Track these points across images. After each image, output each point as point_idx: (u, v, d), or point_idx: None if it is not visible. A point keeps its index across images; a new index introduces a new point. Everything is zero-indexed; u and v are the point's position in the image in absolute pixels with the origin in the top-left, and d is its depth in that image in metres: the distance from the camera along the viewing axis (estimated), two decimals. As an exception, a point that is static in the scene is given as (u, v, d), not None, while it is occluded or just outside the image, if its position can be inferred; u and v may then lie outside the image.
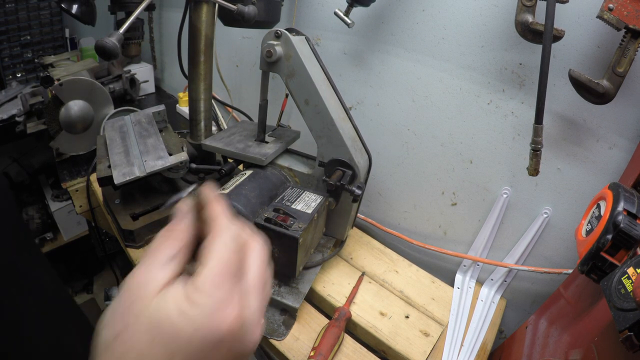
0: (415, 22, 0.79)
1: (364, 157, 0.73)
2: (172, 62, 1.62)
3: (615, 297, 0.40)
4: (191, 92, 0.87)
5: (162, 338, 0.24)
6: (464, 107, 0.78)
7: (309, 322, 0.71)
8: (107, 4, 0.85)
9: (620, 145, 0.64)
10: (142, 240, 0.81)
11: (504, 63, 0.71)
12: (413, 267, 0.88)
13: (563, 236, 0.74)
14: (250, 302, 0.27)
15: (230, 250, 0.27)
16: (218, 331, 0.24)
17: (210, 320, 0.24)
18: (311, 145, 0.73)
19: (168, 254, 0.27)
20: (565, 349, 0.55)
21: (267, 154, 0.73)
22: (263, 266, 0.29)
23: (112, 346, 0.24)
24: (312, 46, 0.72)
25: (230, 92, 1.26)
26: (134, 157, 0.78)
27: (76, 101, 1.03)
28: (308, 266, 0.76)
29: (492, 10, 0.69)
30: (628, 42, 0.54)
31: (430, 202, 0.90)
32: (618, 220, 0.45)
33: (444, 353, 0.70)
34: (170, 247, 0.27)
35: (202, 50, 0.82)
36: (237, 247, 0.28)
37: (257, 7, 0.74)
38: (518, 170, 0.75)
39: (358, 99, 0.95)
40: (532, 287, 0.81)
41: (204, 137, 0.91)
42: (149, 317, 0.25)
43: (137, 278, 0.26)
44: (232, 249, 0.27)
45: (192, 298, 0.25)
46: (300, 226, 0.61)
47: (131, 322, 0.25)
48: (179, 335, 0.24)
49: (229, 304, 0.25)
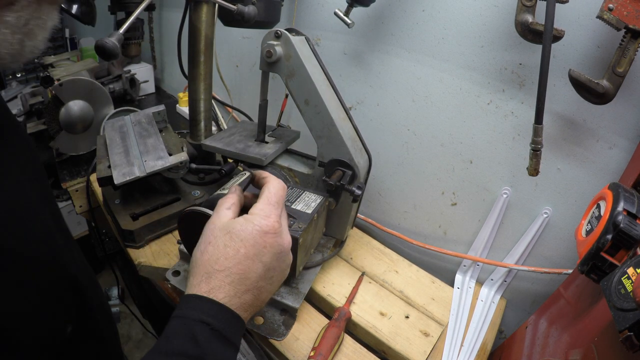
0: (415, 22, 0.79)
1: (364, 157, 0.73)
2: (172, 62, 1.62)
3: (615, 297, 0.40)
4: (191, 92, 0.87)
5: (233, 235, 0.41)
6: (464, 107, 0.78)
7: (309, 322, 0.71)
8: (107, 4, 0.85)
9: (620, 145, 0.64)
10: (142, 240, 0.81)
11: (504, 63, 0.71)
12: (413, 267, 0.88)
13: (563, 236, 0.74)
14: (282, 220, 0.45)
15: (272, 192, 0.45)
16: (266, 227, 0.42)
17: (260, 222, 0.42)
18: (311, 146, 0.73)
19: (227, 205, 0.45)
20: (565, 349, 0.55)
21: (267, 154, 0.73)
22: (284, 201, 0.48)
23: (200, 259, 0.41)
24: (312, 46, 0.72)
25: (230, 92, 1.26)
26: (134, 157, 0.78)
27: (76, 101, 1.03)
28: (308, 266, 0.76)
29: (492, 10, 0.69)
30: (628, 42, 0.54)
31: (430, 202, 0.90)
32: (618, 220, 0.45)
33: (443, 353, 0.70)
34: (227, 201, 0.46)
35: (202, 51, 0.82)
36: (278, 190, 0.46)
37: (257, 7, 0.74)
38: (518, 170, 0.75)
39: (358, 99, 0.95)
40: (532, 287, 0.81)
41: (204, 137, 0.91)
42: (223, 230, 0.42)
43: (213, 219, 0.44)
44: (273, 191, 0.46)
45: (250, 217, 0.43)
46: (300, 226, 0.61)
47: (212, 239, 0.41)
48: (244, 230, 0.41)
49: (271, 216, 0.43)
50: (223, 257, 0.40)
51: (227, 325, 0.37)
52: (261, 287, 0.42)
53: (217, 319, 0.37)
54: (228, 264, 0.40)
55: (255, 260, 0.41)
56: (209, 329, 0.36)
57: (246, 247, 0.41)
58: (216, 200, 0.61)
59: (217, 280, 0.39)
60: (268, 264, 0.42)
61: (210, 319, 0.36)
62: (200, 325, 0.36)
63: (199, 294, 0.38)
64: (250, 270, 0.40)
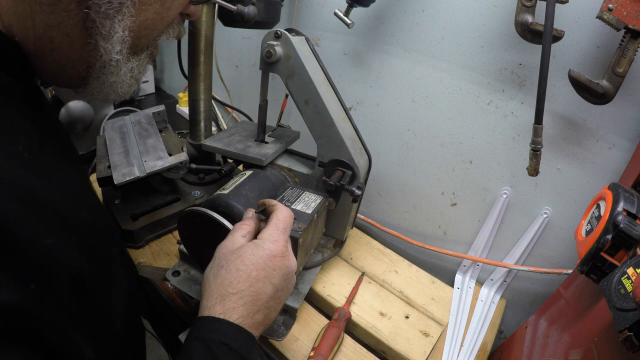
0: (415, 23, 0.79)
1: (363, 157, 0.73)
2: (171, 62, 1.62)
3: (615, 297, 0.40)
4: (191, 92, 0.87)
5: (245, 259, 0.43)
6: (463, 108, 0.78)
7: (309, 322, 0.71)
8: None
9: (620, 145, 0.64)
10: (142, 241, 0.81)
11: (504, 63, 0.71)
12: (413, 268, 0.88)
13: (563, 236, 0.74)
14: (288, 245, 0.48)
15: (280, 219, 0.49)
16: (275, 251, 0.45)
17: (270, 246, 0.45)
18: (311, 146, 0.73)
19: (243, 232, 0.48)
20: (565, 349, 0.55)
21: (266, 154, 0.73)
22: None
23: (213, 282, 0.43)
24: (311, 46, 0.72)
25: (230, 92, 1.26)
26: (134, 157, 0.78)
27: (76, 101, 1.03)
28: (308, 266, 0.76)
29: (492, 10, 0.69)
30: (628, 42, 0.55)
31: (430, 203, 0.90)
32: (618, 220, 0.45)
33: (443, 353, 0.70)
34: (243, 230, 0.48)
35: (201, 51, 0.82)
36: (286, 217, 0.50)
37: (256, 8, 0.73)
38: (518, 170, 0.75)
39: (358, 99, 0.95)
40: (532, 287, 0.81)
41: (204, 138, 0.91)
42: (235, 254, 0.44)
43: (225, 243, 0.46)
44: (281, 218, 0.49)
45: (259, 242, 0.45)
46: (300, 226, 0.61)
47: (224, 263, 0.44)
48: (255, 254, 0.44)
49: (279, 241, 0.46)
50: (236, 280, 0.42)
51: (243, 345, 0.40)
52: (271, 307, 0.44)
53: (233, 339, 0.39)
54: (241, 286, 0.42)
55: (265, 283, 0.43)
56: (227, 349, 0.38)
57: (257, 270, 0.43)
58: (216, 200, 0.61)
59: (231, 303, 0.41)
60: (277, 285, 0.45)
61: (228, 340, 0.38)
62: (219, 346, 0.38)
63: (215, 316, 0.40)
64: (261, 292, 0.43)
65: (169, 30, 0.43)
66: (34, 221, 0.29)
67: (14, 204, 0.28)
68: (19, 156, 0.31)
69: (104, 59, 0.38)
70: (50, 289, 0.29)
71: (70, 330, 0.31)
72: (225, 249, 0.45)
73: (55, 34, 0.34)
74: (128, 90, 0.42)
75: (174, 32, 0.44)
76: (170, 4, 0.39)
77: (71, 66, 0.38)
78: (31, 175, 0.31)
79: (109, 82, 0.40)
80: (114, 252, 0.45)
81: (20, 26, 0.33)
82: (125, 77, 0.40)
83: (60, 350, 0.30)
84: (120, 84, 0.41)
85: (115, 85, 0.40)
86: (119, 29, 0.36)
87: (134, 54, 0.40)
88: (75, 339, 0.32)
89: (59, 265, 0.31)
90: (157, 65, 1.68)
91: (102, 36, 0.36)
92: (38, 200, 0.31)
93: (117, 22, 0.35)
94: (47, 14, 0.33)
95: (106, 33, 0.36)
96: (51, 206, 0.32)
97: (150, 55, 0.43)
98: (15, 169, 0.30)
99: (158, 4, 0.38)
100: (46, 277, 0.29)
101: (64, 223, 0.33)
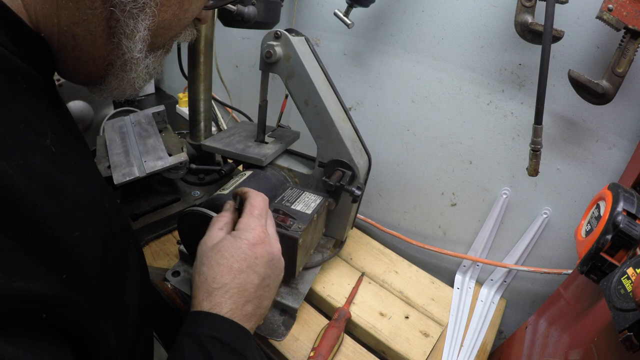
0: (415, 23, 0.79)
1: (363, 157, 0.73)
2: (171, 62, 1.61)
3: (615, 298, 0.40)
4: (191, 92, 0.87)
5: (225, 253, 0.44)
6: (463, 108, 0.78)
7: (309, 322, 0.71)
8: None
9: (619, 145, 0.64)
10: (142, 241, 0.81)
11: (504, 63, 0.71)
12: (413, 268, 0.88)
13: (563, 236, 0.74)
14: (268, 229, 0.48)
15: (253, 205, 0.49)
16: (253, 239, 0.45)
17: (247, 235, 0.45)
18: (311, 146, 0.73)
19: (219, 226, 0.48)
20: (564, 349, 0.55)
21: (266, 154, 0.73)
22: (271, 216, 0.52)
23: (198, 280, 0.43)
24: (311, 47, 0.72)
25: (230, 92, 1.26)
26: (134, 157, 0.78)
27: (76, 101, 1.03)
28: (308, 267, 0.76)
29: (492, 10, 0.69)
30: (627, 42, 0.55)
31: (430, 203, 0.90)
32: (617, 220, 0.45)
33: (443, 353, 0.70)
34: (220, 222, 0.49)
35: (201, 51, 0.82)
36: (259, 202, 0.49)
37: (256, 8, 0.74)
38: (518, 170, 0.75)
39: (358, 100, 0.95)
40: (531, 288, 0.81)
41: (204, 138, 0.91)
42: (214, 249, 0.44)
43: (204, 240, 0.46)
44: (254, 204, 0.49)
45: (236, 232, 0.46)
46: (299, 227, 0.61)
47: (205, 260, 0.44)
48: (233, 246, 0.44)
49: (256, 228, 0.46)
50: (219, 275, 0.42)
51: (235, 337, 0.40)
52: (260, 296, 0.44)
53: (224, 332, 0.39)
54: (224, 280, 0.42)
55: (249, 273, 0.43)
56: (219, 343, 0.38)
57: (238, 262, 0.43)
58: (216, 200, 0.61)
59: (217, 297, 0.41)
60: (262, 273, 0.45)
61: (218, 334, 0.39)
62: (210, 340, 0.38)
63: (204, 311, 0.40)
64: (246, 283, 0.43)
65: (186, 32, 0.44)
66: (64, 215, 0.30)
67: (46, 200, 0.29)
68: (46, 150, 0.31)
69: (125, 57, 0.38)
70: (81, 280, 0.30)
71: (99, 319, 0.32)
72: (205, 245, 0.45)
73: (78, 30, 0.35)
74: (143, 84, 0.43)
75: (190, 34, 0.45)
76: (188, 7, 0.40)
77: (92, 63, 0.38)
78: (58, 169, 0.32)
79: (128, 79, 0.40)
80: (130, 243, 0.46)
81: (46, 22, 0.34)
82: (142, 73, 0.41)
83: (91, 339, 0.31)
84: (137, 79, 0.41)
85: (133, 81, 0.41)
86: (142, 28, 0.36)
87: (151, 51, 0.41)
88: (103, 328, 0.33)
89: (87, 257, 0.32)
90: (157, 65, 1.68)
91: (125, 35, 0.36)
92: (66, 194, 0.31)
93: (140, 21, 0.36)
94: (72, 11, 0.34)
95: (129, 32, 0.36)
96: (77, 199, 0.33)
97: (165, 52, 0.44)
98: (45, 163, 0.30)
99: (177, 6, 0.39)
100: (77, 269, 0.30)
101: (89, 215, 0.34)
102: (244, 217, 0.48)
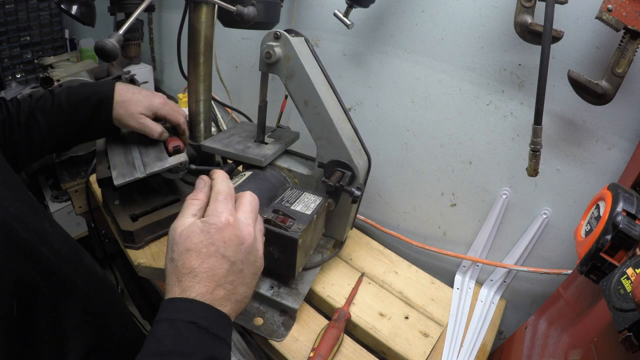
0: (415, 23, 0.79)
1: (363, 158, 0.73)
2: (171, 63, 1.62)
3: (615, 298, 0.40)
4: (191, 93, 0.87)
5: (193, 238, 0.43)
6: (463, 108, 0.78)
7: (309, 323, 0.71)
8: (107, 5, 0.85)
9: (619, 145, 0.64)
10: (142, 241, 0.81)
11: (503, 64, 0.71)
12: (412, 268, 0.88)
13: (562, 237, 0.74)
14: (239, 214, 0.47)
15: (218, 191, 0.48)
16: (220, 223, 0.44)
17: (214, 219, 0.44)
18: (310, 147, 0.73)
19: (193, 211, 0.47)
20: (564, 349, 0.55)
21: (266, 155, 0.73)
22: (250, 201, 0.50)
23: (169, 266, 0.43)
24: (311, 47, 0.72)
25: (230, 93, 1.26)
26: (134, 158, 0.78)
27: (76, 102, 1.03)
28: (307, 267, 0.76)
29: (491, 11, 0.69)
30: (627, 42, 0.55)
31: (430, 203, 0.90)
32: (617, 220, 0.45)
33: (443, 354, 0.70)
34: (194, 206, 0.48)
35: (201, 52, 0.82)
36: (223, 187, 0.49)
37: (256, 8, 0.73)
38: (517, 171, 0.75)
39: (357, 100, 0.95)
40: (531, 288, 0.81)
41: (204, 138, 0.91)
42: (183, 235, 0.44)
43: (175, 224, 0.46)
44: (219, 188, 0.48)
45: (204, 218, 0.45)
46: (299, 227, 0.61)
47: (175, 247, 0.44)
48: (202, 231, 0.44)
49: (223, 212, 0.46)
50: (188, 260, 0.43)
51: (212, 322, 0.40)
52: (233, 282, 0.44)
53: (199, 316, 0.40)
54: (193, 265, 0.42)
55: (217, 257, 0.43)
56: (196, 327, 0.39)
57: (206, 247, 0.43)
58: None
59: (186, 282, 0.42)
60: (232, 257, 0.44)
61: (194, 318, 0.39)
62: (187, 325, 0.39)
63: (175, 297, 0.41)
64: (215, 267, 0.43)
65: None
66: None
67: None
68: None
69: None
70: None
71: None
72: (175, 231, 0.45)
73: None
74: None
75: None
76: None
77: None
78: None
79: None
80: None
81: None
82: None
83: None
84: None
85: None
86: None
87: None
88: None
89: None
90: (157, 66, 1.68)
91: None
92: None
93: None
94: None
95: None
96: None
97: None
98: None
99: None
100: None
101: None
102: (211, 202, 0.47)
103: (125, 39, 0.82)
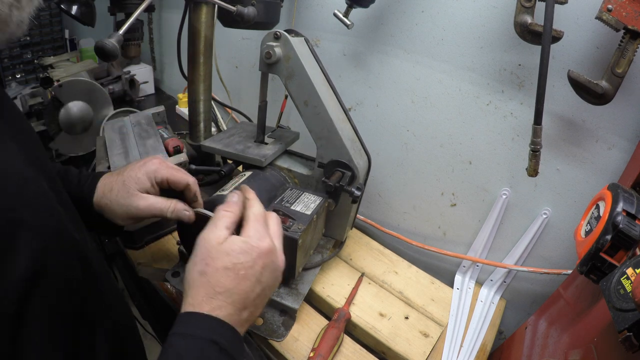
0: (415, 24, 0.79)
1: (363, 158, 0.73)
2: (171, 63, 1.62)
3: (615, 298, 0.40)
4: (191, 93, 0.87)
5: (233, 258, 0.42)
6: (463, 108, 0.78)
7: (309, 323, 0.71)
8: (107, 5, 0.85)
9: (619, 145, 0.64)
10: (142, 242, 0.81)
11: (503, 64, 0.71)
12: (412, 268, 0.88)
13: (562, 237, 0.74)
14: (274, 240, 0.46)
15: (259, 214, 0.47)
16: (261, 249, 0.43)
17: (257, 244, 0.43)
18: (310, 147, 0.73)
19: (227, 223, 0.45)
20: (564, 349, 0.55)
21: (266, 155, 0.73)
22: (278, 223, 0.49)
23: (199, 279, 0.41)
24: (311, 47, 0.72)
25: (230, 93, 1.26)
26: (134, 158, 0.78)
27: (76, 102, 1.03)
28: (307, 267, 0.76)
29: (491, 11, 0.69)
30: (627, 42, 0.55)
31: (430, 203, 0.90)
32: (617, 220, 0.45)
33: (443, 354, 0.70)
34: (228, 219, 0.45)
35: (201, 52, 0.82)
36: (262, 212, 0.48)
37: (256, 8, 0.74)
38: (517, 171, 0.75)
39: (357, 100, 0.95)
40: (531, 288, 0.81)
41: (204, 138, 0.91)
42: (221, 251, 0.42)
43: (209, 235, 0.44)
44: (259, 213, 0.47)
45: (247, 239, 0.44)
46: (299, 227, 0.61)
47: (210, 261, 0.42)
48: (244, 252, 0.42)
49: (266, 238, 0.45)
50: (224, 279, 0.41)
51: (231, 343, 0.40)
52: (257, 304, 0.44)
53: (222, 336, 0.39)
54: (229, 285, 0.41)
55: (254, 281, 0.43)
56: (218, 348, 0.38)
57: (245, 269, 0.42)
58: (216, 201, 0.61)
59: (219, 301, 0.41)
60: (265, 283, 0.44)
61: (216, 337, 0.39)
62: (209, 344, 0.38)
63: (203, 312, 0.40)
64: (250, 291, 0.43)
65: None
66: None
67: None
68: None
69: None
70: None
71: None
72: (209, 242, 0.43)
73: None
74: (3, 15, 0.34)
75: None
76: None
77: None
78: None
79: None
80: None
81: None
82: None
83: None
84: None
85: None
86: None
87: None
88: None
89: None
90: (157, 66, 1.68)
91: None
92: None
93: None
94: None
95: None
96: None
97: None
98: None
99: None
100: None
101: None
102: (252, 222, 0.46)
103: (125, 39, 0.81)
